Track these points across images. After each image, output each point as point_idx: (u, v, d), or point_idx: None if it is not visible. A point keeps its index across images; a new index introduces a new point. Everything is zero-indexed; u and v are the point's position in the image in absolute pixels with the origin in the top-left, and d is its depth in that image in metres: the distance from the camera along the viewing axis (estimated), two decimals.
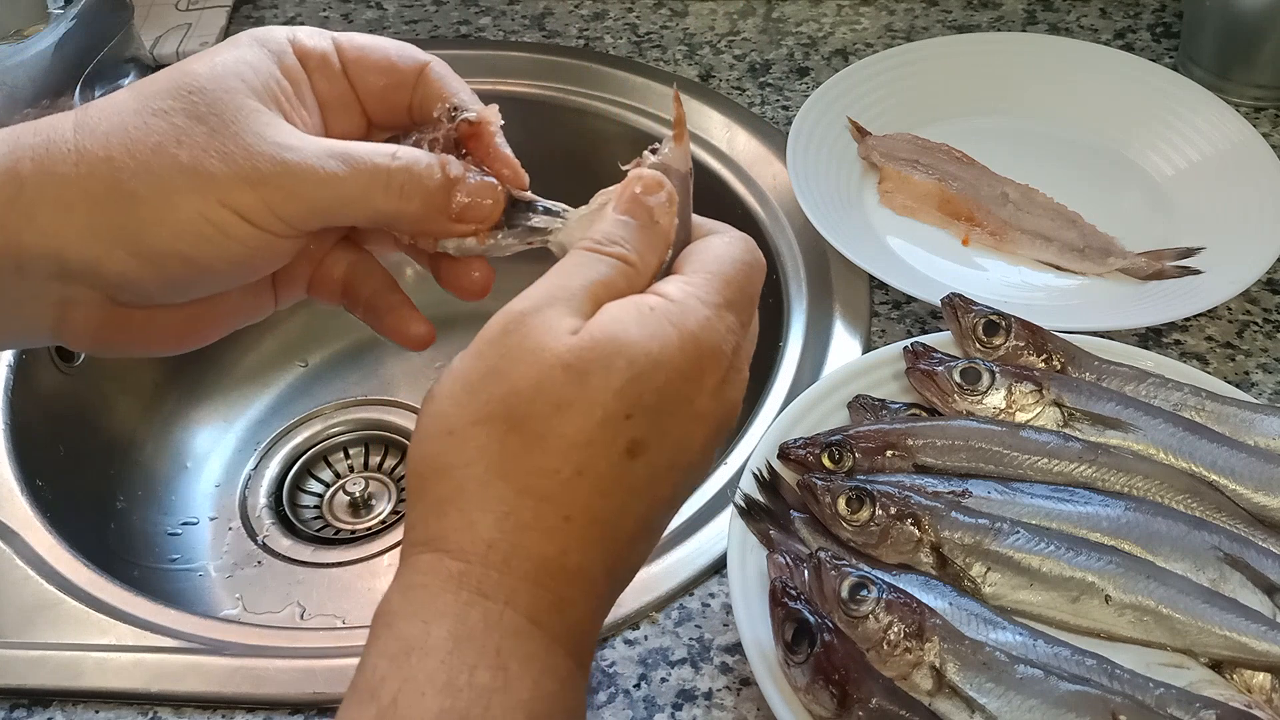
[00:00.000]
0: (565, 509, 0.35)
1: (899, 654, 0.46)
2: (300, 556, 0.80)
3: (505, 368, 0.35)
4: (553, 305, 0.36)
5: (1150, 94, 0.80)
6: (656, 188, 0.41)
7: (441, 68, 0.45)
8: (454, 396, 0.35)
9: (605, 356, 0.35)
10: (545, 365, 0.34)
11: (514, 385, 0.35)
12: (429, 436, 0.35)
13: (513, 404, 0.34)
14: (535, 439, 0.34)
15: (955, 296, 0.62)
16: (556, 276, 0.37)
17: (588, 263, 0.38)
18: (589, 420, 0.34)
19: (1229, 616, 0.49)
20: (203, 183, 0.38)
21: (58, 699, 0.55)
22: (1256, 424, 0.57)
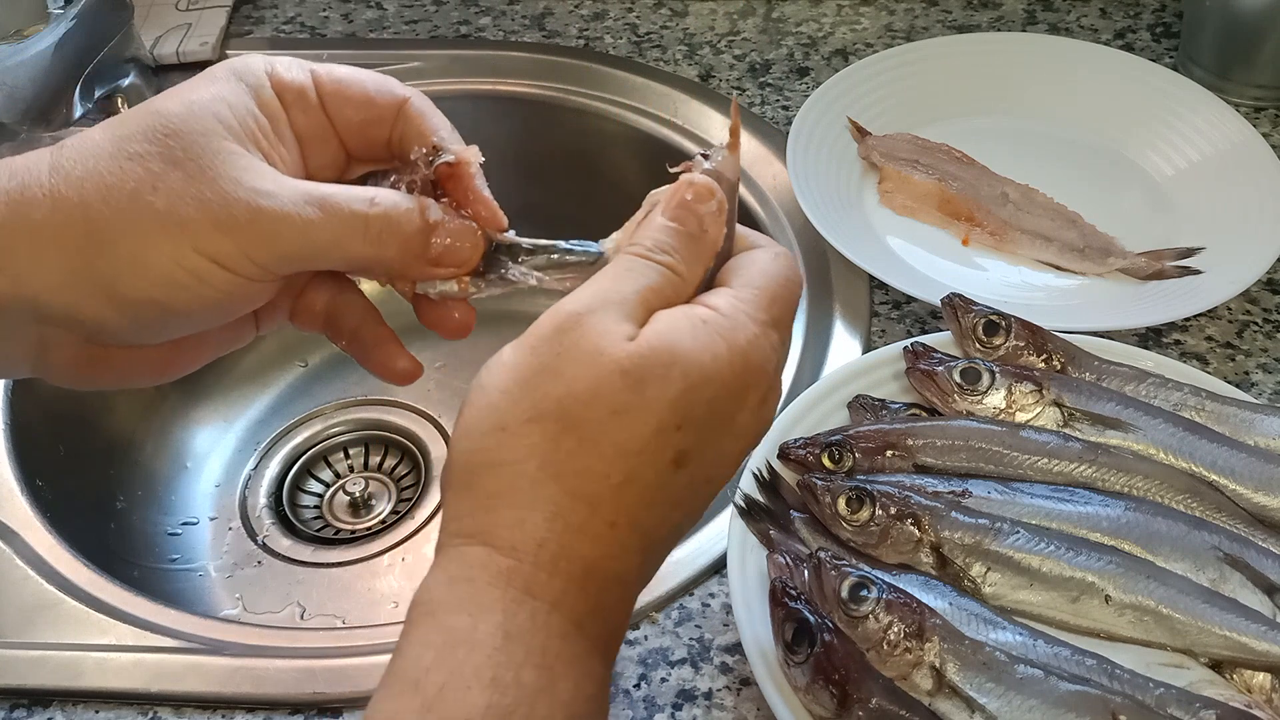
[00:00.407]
0: (612, 515, 0.35)
1: (899, 654, 0.46)
2: (300, 556, 0.80)
3: (561, 367, 0.35)
4: (606, 309, 0.36)
5: (1150, 94, 0.80)
6: (708, 196, 0.40)
7: (421, 103, 0.44)
8: (507, 390, 0.35)
9: (663, 366, 0.35)
10: (603, 369, 0.35)
11: (570, 386, 0.35)
12: (480, 429, 0.35)
13: (568, 405, 0.35)
14: (589, 442, 0.35)
15: (955, 296, 0.62)
16: (609, 280, 0.37)
17: (638, 269, 0.38)
18: (643, 428, 0.35)
19: (1229, 616, 0.49)
20: (178, 230, 0.37)
21: (58, 699, 0.55)
22: (1256, 424, 0.57)
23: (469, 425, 0.36)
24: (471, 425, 0.36)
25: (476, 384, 0.36)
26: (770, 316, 0.38)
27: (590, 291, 0.37)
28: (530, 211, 0.94)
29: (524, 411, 0.35)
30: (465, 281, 0.43)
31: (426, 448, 0.86)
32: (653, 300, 0.37)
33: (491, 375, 0.36)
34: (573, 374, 0.35)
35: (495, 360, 0.37)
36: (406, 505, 0.83)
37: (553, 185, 0.92)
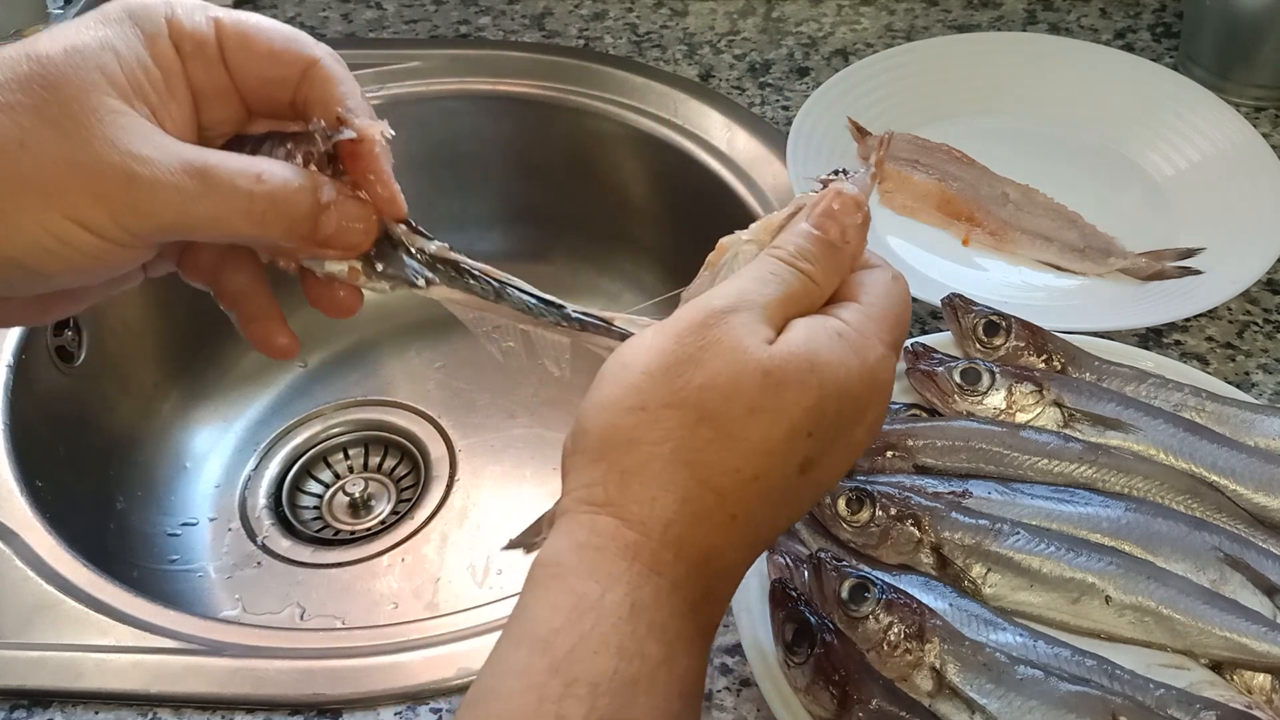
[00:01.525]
0: (734, 508, 0.36)
1: (899, 655, 0.46)
2: (300, 557, 0.80)
3: (704, 359, 0.36)
4: (750, 309, 0.37)
5: (1150, 94, 0.80)
6: (855, 209, 0.40)
7: (333, 65, 0.41)
8: (649, 373, 0.36)
9: (801, 372, 0.36)
10: (745, 368, 0.36)
11: (711, 379, 0.36)
12: (621, 405, 0.36)
13: (707, 396, 0.36)
14: (724, 436, 0.36)
15: (955, 297, 0.62)
16: (755, 282, 0.38)
17: (782, 275, 0.39)
18: (777, 429, 0.36)
19: (1229, 617, 0.49)
20: (46, 194, 0.36)
21: (57, 700, 0.55)
22: (1257, 424, 0.57)
23: (608, 399, 0.37)
24: (611, 400, 0.37)
25: (618, 360, 0.37)
26: (894, 339, 0.39)
27: (736, 290, 0.38)
28: (530, 211, 0.95)
29: (664, 396, 0.36)
30: (356, 268, 0.42)
31: (426, 448, 0.86)
32: (790, 307, 0.38)
33: (635, 354, 0.37)
34: (715, 367, 0.36)
35: (637, 341, 0.38)
36: (406, 506, 0.83)
37: (553, 185, 0.92)
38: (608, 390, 0.37)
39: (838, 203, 0.40)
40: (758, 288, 0.38)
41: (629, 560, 0.35)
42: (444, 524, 0.81)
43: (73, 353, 0.78)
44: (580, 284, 0.94)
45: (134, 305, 0.84)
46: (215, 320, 0.90)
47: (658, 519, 0.35)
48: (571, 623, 0.34)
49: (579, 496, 0.36)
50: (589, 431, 0.37)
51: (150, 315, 0.86)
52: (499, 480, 0.84)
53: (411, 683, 0.54)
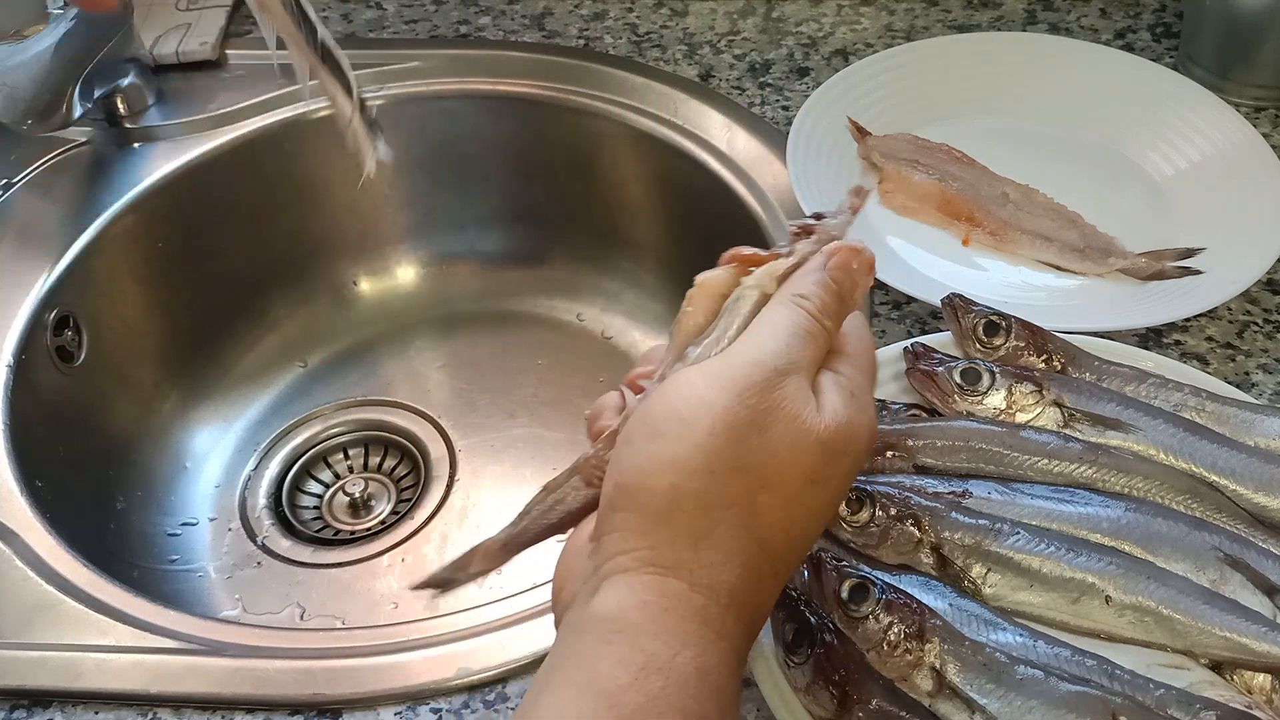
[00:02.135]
0: (781, 566, 0.39)
1: (899, 655, 0.46)
2: (300, 557, 0.80)
3: (766, 424, 0.37)
4: (800, 374, 0.39)
5: (1150, 94, 0.80)
6: (868, 271, 0.43)
7: None
8: (715, 433, 0.37)
9: (845, 441, 0.39)
10: (805, 439, 0.38)
11: (774, 446, 0.37)
12: (688, 468, 0.37)
13: (770, 464, 0.37)
14: (783, 503, 0.38)
15: (955, 297, 0.62)
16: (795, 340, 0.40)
17: (814, 333, 0.40)
18: (830, 495, 0.39)
19: (1229, 617, 0.49)
20: None
21: (57, 700, 0.55)
22: (1257, 424, 0.57)
23: (675, 459, 0.37)
24: (678, 461, 0.37)
25: (675, 414, 0.38)
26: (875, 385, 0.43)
27: (784, 349, 0.39)
28: (530, 211, 0.95)
29: (730, 460, 0.37)
30: None
31: (426, 448, 0.86)
32: (815, 367, 0.41)
33: (695, 411, 0.38)
34: (777, 434, 0.37)
35: (694, 395, 0.38)
36: (406, 506, 0.83)
37: (553, 185, 0.92)
38: (672, 449, 0.37)
39: (857, 261, 0.42)
40: (801, 348, 0.39)
41: (699, 624, 0.36)
42: (444, 524, 0.81)
43: (73, 353, 0.78)
44: (580, 284, 0.94)
45: (134, 305, 0.84)
46: (215, 320, 0.91)
47: (724, 584, 0.37)
48: (639, 681, 0.35)
49: (642, 557, 0.37)
50: (652, 490, 0.37)
51: (150, 315, 0.86)
52: (499, 480, 0.84)
53: (411, 683, 0.54)
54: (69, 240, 0.79)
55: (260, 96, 0.87)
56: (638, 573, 0.37)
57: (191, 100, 0.88)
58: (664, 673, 0.35)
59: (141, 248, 0.83)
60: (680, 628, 0.36)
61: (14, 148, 0.84)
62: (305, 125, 0.87)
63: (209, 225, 0.87)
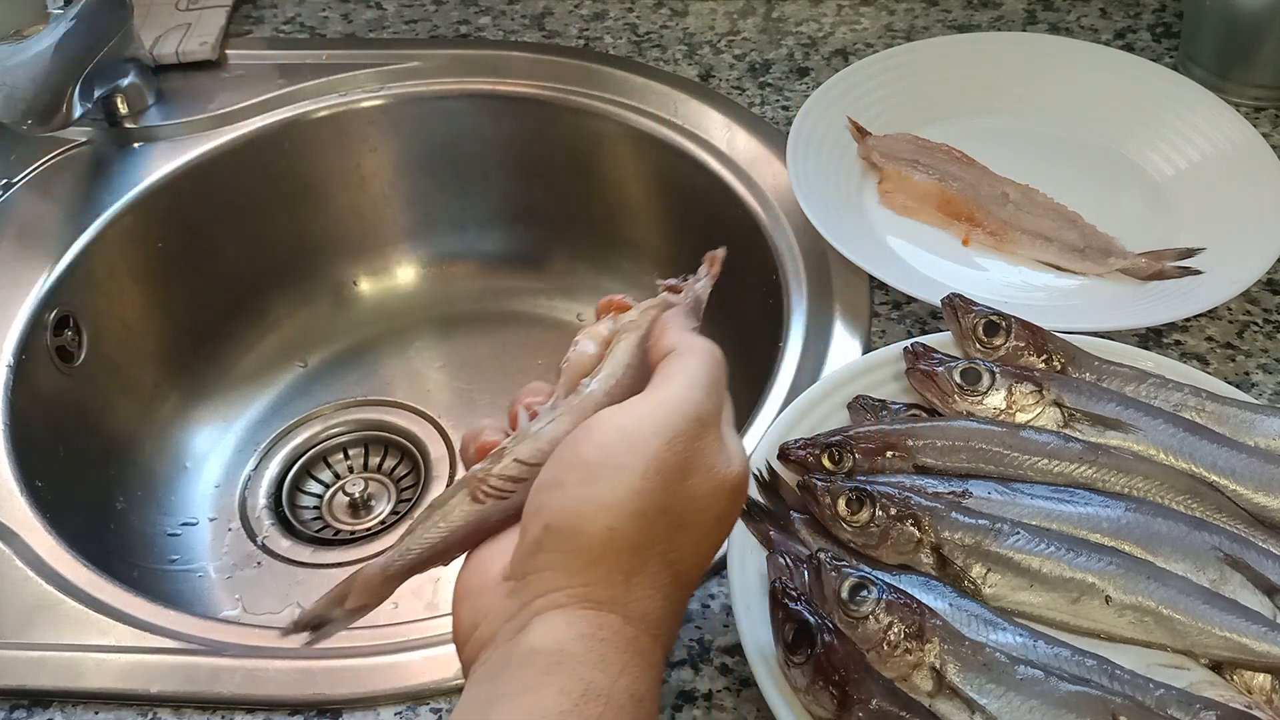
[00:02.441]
0: (688, 594, 0.43)
1: (899, 655, 0.46)
2: (300, 557, 0.80)
3: (689, 470, 0.41)
4: (715, 424, 0.42)
5: (1150, 94, 0.80)
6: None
7: None
8: (648, 477, 0.40)
9: (744, 484, 0.43)
10: (719, 485, 0.41)
11: (693, 492, 0.41)
12: (624, 510, 0.39)
13: (689, 507, 0.41)
14: (697, 540, 0.42)
15: (955, 297, 0.62)
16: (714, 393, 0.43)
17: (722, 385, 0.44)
18: (728, 530, 0.43)
19: (1229, 617, 0.49)
20: None
21: (57, 700, 0.55)
22: (1257, 424, 0.57)
23: (611, 504, 0.39)
24: (614, 505, 0.39)
25: (611, 461, 0.40)
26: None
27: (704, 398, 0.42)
28: (530, 211, 0.95)
29: (660, 502, 0.40)
30: None
31: (426, 448, 0.86)
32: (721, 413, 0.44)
33: (628, 458, 0.40)
34: (697, 481, 0.41)
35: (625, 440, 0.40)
36: (406, 506, 0.83)
37: (553, 185, 0.92)
38: (607, 493, 0.39)
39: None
40: (716, 399, 0.43)
41: (633, 654, 0.39)
42: None
43: (73, 353, 0.78)
44: (580, 284, 0.94)
45: (134, 305, 0.84)
46: (215, 320, 0.91)
47: (652, 616, 0.40)
48: (580, 708, 0.37)
49: (577, 594, 0.39)
50: (589, 534, 0.39)
51: (150, 315, 0.86)
52: None
53: (411, 683, 0.54)
54: (69, 240, 0.79)
55: (260, 96, 0.87)
56: (573, 608, 0.39)
57: (191, 100, 0.88)
58: (603, 699, 0.37)
59: (141, 248, 0.83)
60: (617, 658, 0.38)
61: (14, 148, 0.84)
62: (305, 125, 0.87)
63: (209, 225, 0.87)
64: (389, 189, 0.93)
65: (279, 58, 0.91)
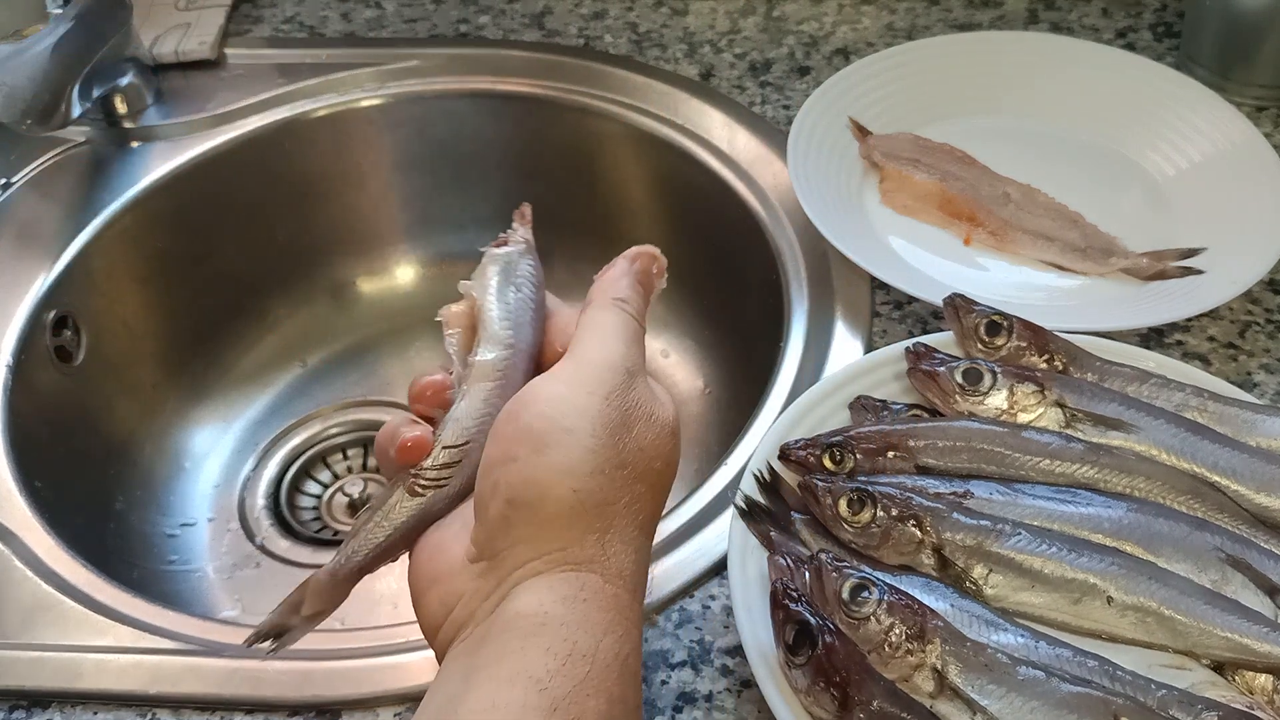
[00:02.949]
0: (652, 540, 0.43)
1: (900, 656, 0.46)
2: (299, 558, 0.80)
3: (631, 423, 0.41)
4: (641, 373, 0.43)
5: (1152, 93, 0.80)
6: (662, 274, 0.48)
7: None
8: (597, 436, 0.40)
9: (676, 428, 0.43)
10: (661, 430, 0.42)
11: (640, 442, 0.41)
12: (582, 471, 0.39)
13: (639, 458, 0.41)
14: (652, 489, 0.42)
15: (957, 297, 0.61)
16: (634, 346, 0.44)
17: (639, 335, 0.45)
18: (673, 473, 0.43)
19: (1231, 618, 0.49)
20: None
21: (56, 700, 0.55)
22: (1259, 425, 0.57)
23: (569, 467, 0.39)
24: (572, 467, 0.39)
25: (558, 426, 0.40)
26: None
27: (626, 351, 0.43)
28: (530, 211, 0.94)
29: (613, 458, 0.40)
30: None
31: None
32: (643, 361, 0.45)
33: (575, 420, 0.40)
34: (641, 431, 0.41)
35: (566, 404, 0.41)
36: None
37: (553, 185, 0.92)
38: (563, 457, 0.39)
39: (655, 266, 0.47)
40: (637, 350, 0.44)
41: (615, 612, 0.39)
42: None
43: (72, 353, 0.78)
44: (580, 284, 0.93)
45: (134, 305, 0.84)
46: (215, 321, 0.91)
47: (629, 571, 0.40)
48: (567, 668, 0.37)
49: (555, 559, 0.39)
50: (556, 499, 0.39)
51: (150, 316, 0.86)
52: None
53: (411, 683, 0.54)
54: (68, 240, 0.79)
55: (259, 96, 0.87)
56: (552, 573, 0.39)
57: (191, 100, 0.88)
58: (589, 659, 0.37)
59: (141, 248, 0.83)
60: (601, 617, 0.38)
61: (14, 148, 0.84)
62: (305, 125, 0.87)
63: (208, 225, 0.87)
64: (389, 188, 0.93)
65: (278, 57, 0.91)
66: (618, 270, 0.47)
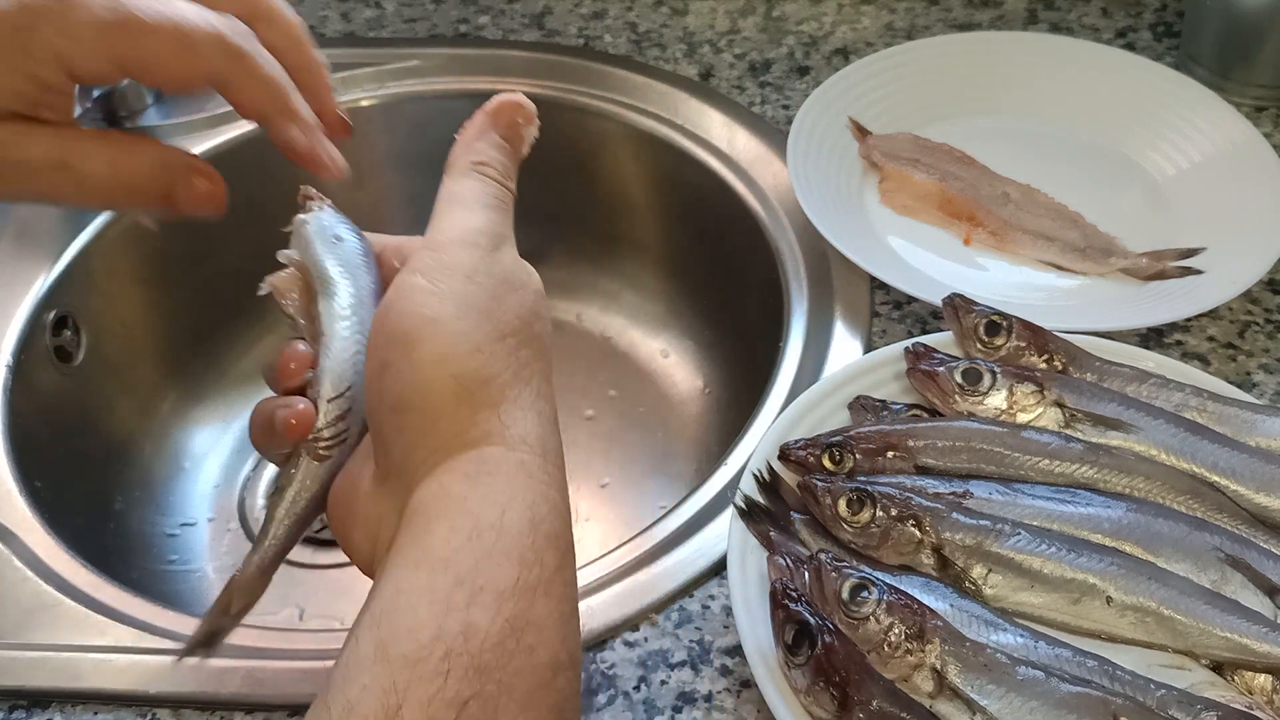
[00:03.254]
0: (554, 403, 0.42)
1: (900, 656, 0.46)
2: (298, 558, 0.80)
3: (502, 294, 0.41)
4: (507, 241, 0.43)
5: (1151, 93, 0.80)
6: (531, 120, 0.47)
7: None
8: (465, 317, 0.39)
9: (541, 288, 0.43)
10: (528, 294, 0.42)
11: (514, 309, 0.41)
12: (458, 353, 0.39)
13: (516, 325, 0.40)
14: (536, 352, 0.41)
15: (956, 297, 0.61)
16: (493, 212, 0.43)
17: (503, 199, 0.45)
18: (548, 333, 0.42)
19: (1230, 618, 0.49)
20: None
21: (56, 700, 0.55)
22: (1258, 425, 0.57)
23: (442, 356, 0.38)
24: (445, 354, 0.38)
25: (421, 319, 0.39)
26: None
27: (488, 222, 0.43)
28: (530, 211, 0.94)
29: (490, 332, 0.39)
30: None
31: None
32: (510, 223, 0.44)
33: (437, 308, 0.39)
34: (511, 299, 0.41)
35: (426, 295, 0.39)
36: None
37: (552, 185, 0.92)
38: (432, 348, 0.38)
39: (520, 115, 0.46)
40: (501, 217, 0.43)
41: (524, 477, 0.38)
42: None
43: (72, 353, 0.78)
44: (580, 284, 0.94)
45: (134, 305, 0.84)
46: (215, 321, 0.91)
47: (534, 435, 0.39)
48: (472, 541, 0.36)
49: (451, 446, 0.38)
50: (437, 391, 0.38)
51: (150, 316, 0.85)
52: None
53: None
54: (68, 240, 0.79)
55: None
56: (453, 458, 0.38)
57: (190, 100, 0.87)
58: (495, 529, 0.36)
59: (141, 248, 0.83)
60: (506, 486, 0.38)
61: None
62: None
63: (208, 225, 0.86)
64: (389, 188, 0.93)
65: None
66: (474, 129, 0.45)
